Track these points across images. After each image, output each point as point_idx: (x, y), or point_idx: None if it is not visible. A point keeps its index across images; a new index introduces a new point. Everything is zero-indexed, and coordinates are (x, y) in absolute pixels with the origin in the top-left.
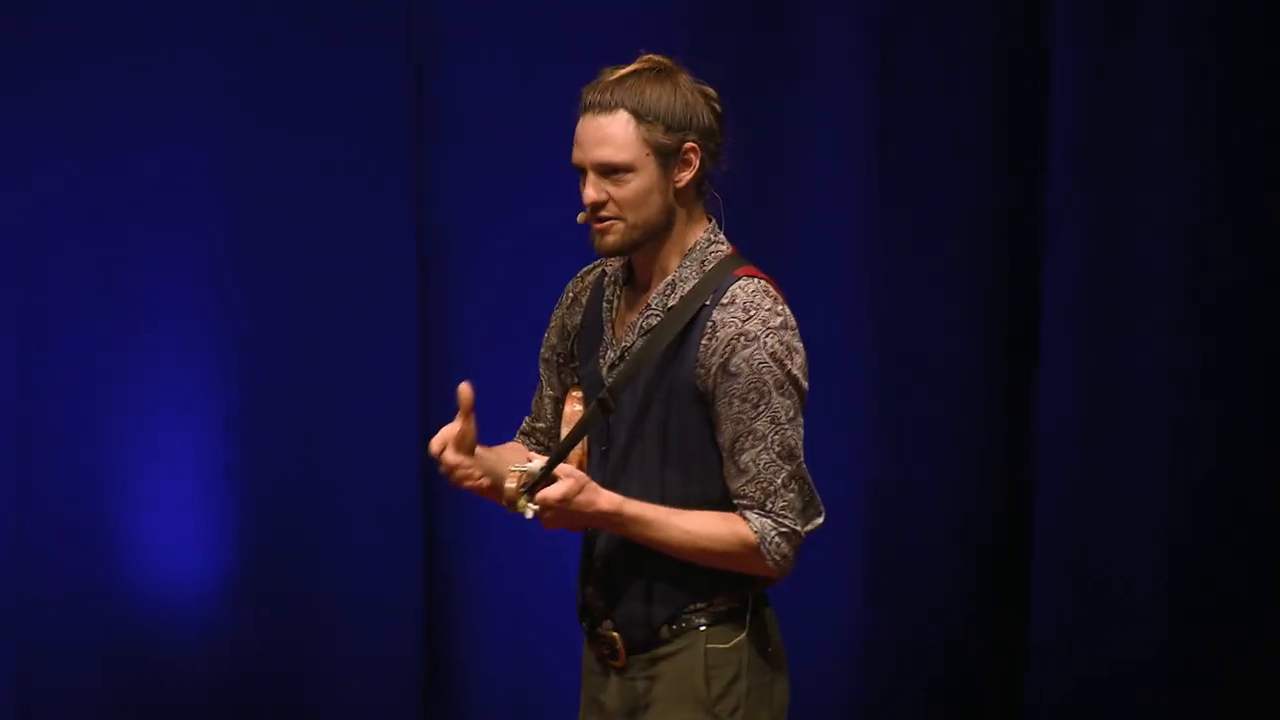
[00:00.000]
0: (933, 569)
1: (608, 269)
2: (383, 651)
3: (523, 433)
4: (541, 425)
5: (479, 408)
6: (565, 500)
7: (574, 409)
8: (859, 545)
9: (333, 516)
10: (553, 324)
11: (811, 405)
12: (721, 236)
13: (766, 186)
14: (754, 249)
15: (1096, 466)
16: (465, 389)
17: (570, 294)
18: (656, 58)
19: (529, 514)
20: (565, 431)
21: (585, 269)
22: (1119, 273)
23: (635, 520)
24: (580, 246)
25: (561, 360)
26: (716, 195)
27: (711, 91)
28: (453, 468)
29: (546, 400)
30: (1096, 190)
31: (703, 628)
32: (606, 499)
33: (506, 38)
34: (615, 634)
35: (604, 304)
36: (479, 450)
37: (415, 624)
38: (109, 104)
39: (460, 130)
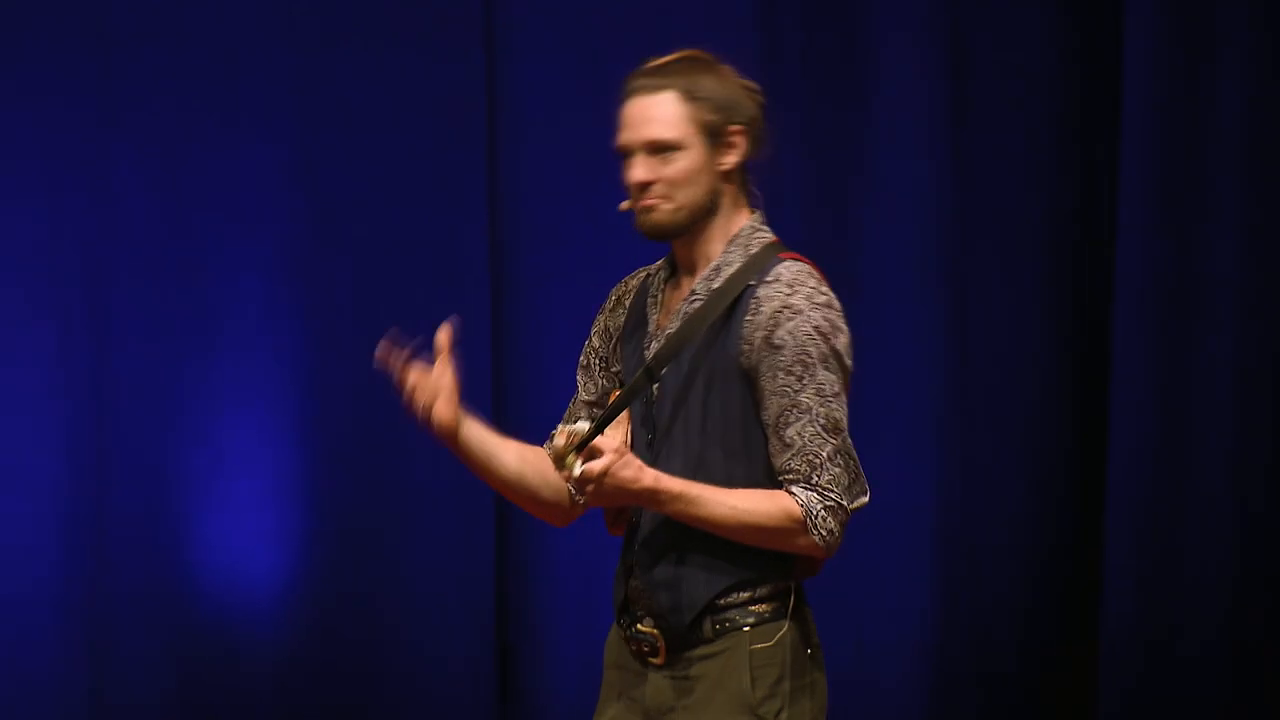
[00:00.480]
0: (1005, 570)
1: (652, 270)
2: (455, 650)
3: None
4: None
5: (552, 408)
6: (609, 473)
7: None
8: (931, 544)
9: (405, 515)
10: (595, 328)
11: (886, 405)
12: (766, 226)
13: (843, 189)
14: (829, 251)
15: (1168, 467)
16: (444, 332)
17: (613, 297)
18: (697, 51)
19: (576, 471)
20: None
21: (630, 275)
22: (1191, 277)
23: (679, 497)
24: (654, 244)
25: (602, 364)
26: (757, 192)
27: (753, 84)
28: (403, 376)
29: (581, 406)
30: (1168, 195)
31: (747, 628)
32: (650, 475)
33: (580, 36)
34: (656, 631)
35: (649, 299)
36: (477, 427)
37: (487, 623)
38: (181, 104)
39: (534, 128)
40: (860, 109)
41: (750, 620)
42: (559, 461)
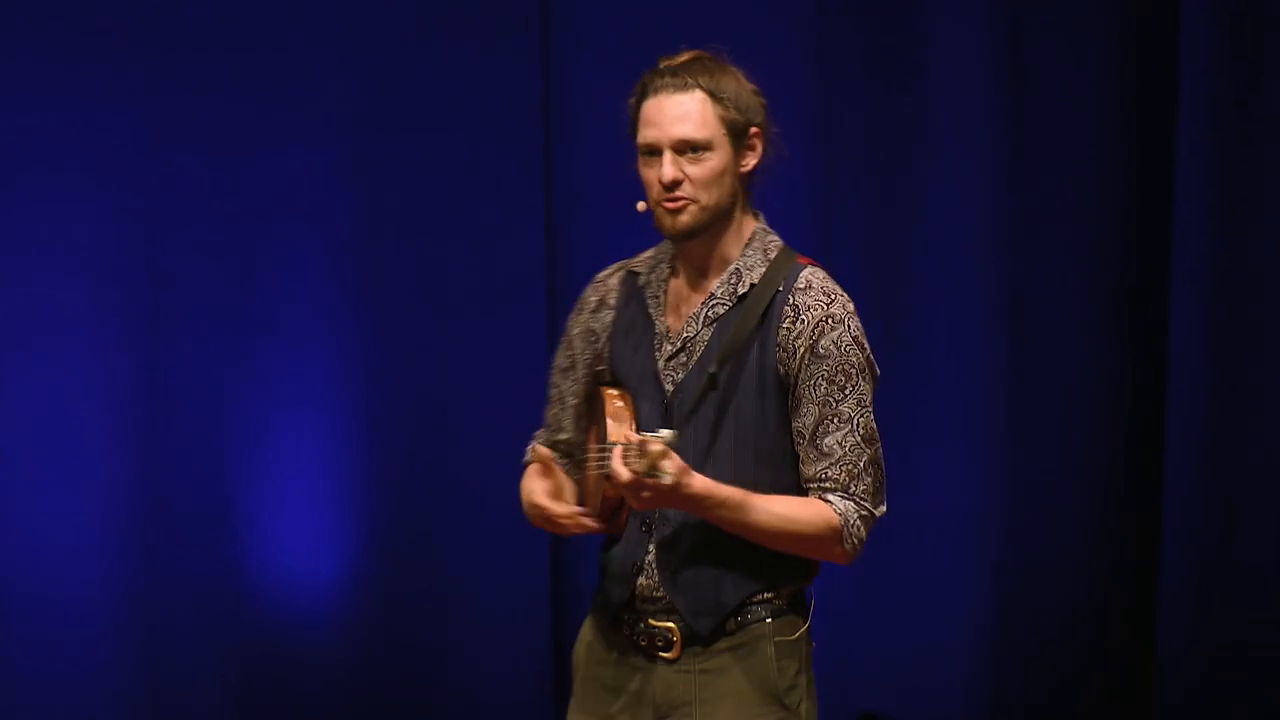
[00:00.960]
0: (1060, 569)
1: (636, 269)
2: (513, 648)
3: (544, 446)
4: (563, 437)
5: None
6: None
7: (615, 405)
8: (987, 543)
9: (460, 514)
10: (574, 331)
11: (940, 404)
12: (772, 229)
13: (894, 187)
14: (881, 249)
15: (1226, 465)
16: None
17: (593, 299)
18: (706, 52)
19: (667, 480)
20: (610, 426)
21: (603, 273)
22: (1249, 274)
23: (724, 503)
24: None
25: (585, 365)
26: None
27: (757, 88)
28: (563, 519)
29: (569, 409)
30: (1226, 191)
31: (768, 620)
32: (699, 482)
33: (636, 37)
34: (672, 625)
35: (648, 299)
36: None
37: (543, 621)
38: (239, 105)
39: (590, 129)
40: (916, 105)
41: (769, 613)
42: (655, 467)
